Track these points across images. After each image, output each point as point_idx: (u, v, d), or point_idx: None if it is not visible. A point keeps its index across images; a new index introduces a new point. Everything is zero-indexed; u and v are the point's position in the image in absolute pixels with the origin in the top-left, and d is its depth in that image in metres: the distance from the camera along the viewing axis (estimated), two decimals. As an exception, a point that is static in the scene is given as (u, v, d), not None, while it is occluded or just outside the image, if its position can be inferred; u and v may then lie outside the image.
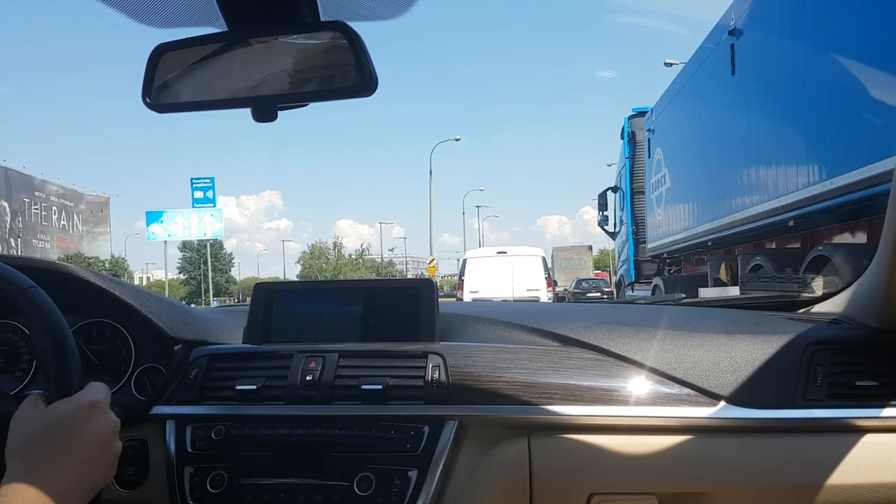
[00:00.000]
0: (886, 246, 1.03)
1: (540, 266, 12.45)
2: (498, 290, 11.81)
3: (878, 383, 1.00)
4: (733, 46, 6.63)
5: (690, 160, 8.57)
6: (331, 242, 61.70)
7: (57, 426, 0.74)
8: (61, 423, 0.75)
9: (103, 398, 0.80)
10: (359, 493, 0.96)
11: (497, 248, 13.07)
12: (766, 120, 6.02)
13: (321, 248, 60.33)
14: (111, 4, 0.84)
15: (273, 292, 1.22)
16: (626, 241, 12.33)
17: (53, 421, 0.75)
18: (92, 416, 0.77)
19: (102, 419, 0.78)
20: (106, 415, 0.79)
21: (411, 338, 1.13)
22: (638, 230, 11.54)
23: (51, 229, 44.61)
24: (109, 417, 0.79)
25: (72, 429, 0.75)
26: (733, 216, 6.86)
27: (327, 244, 61.22)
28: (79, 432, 0.75)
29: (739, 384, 1.01)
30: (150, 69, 0.89)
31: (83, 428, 0.75)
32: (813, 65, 5.19)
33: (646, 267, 11.38)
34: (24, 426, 0.75)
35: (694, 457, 0.98)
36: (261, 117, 0.89)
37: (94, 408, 0.77)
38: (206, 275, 59.01)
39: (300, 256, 61.49)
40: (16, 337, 1.19)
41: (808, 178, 5.24)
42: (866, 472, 0.95)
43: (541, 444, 0.99)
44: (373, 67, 0.84)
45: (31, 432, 0.74)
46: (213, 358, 1.12)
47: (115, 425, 0.80)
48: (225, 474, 1.00)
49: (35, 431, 0.74)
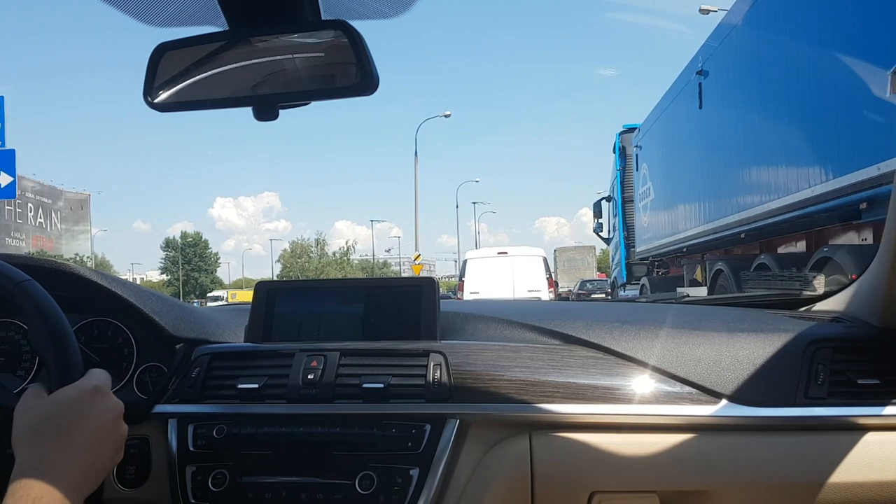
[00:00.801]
0: (888, 244, 1.03)
1: (541, 266, 12.40)
2: (498, 290, 11.69)
3: (879, 381, 1.00)
4: (700, 84, 7.81)
5: (669, 177, 9.87)
6: (313, 239, 58.98)
7: (61, 413, 0.75)
8: (65, 410, 0.75)
9: (105, 383, 0.80)
10: (360, 491, 0.96)
11: (498, 249, 12.96)
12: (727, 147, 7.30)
13: (303, 246, 57.38)
14: (113, 4, 0.84)
15: (274, 291, 1.22)
16: (618, 246, 13.56)
17: (58, 408, 0.75)
18: (95, 400, 0.77)
19: (106, 403, 0.79)
20: (109, 398, 0.80)
21: (413, 336, 1.13)
22: (629, 235, 12.71)
23: (26, 227, 43.26)
24: (112, 400, 0.80)
25: (76, 414, 0.75)
26: (703, 227, 8.16)
27: (310, 241, 58.48)
28: (83, 417, 0.75)
29: (741, 382, 1.01)
30: (152, 68, 0.89)
31: (87, 412, 0.76)
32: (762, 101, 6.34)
33: (636, 269, 12.55)
34: (28, 415, 0.75)
35: (696, 455, 0.98)
36: (262, 116, 0.89)
37: (96, 392, 0.78)
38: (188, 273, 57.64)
39: (280, 254, 59.12)
40: (17, 336, 1.19)
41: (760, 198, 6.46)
42: (868, 470, 0.95)
43: (542, 442, 0.99)
44: (374, 66, 0.84)
45: (36, 421, 0.74)
46: (215, 357, 1.12)
47: (118, 408, 0.80)
48: (227, 473, 1.00)
49: (40, 419, 0.74)
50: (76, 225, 50.50)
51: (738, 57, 6.96)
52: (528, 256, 12.49)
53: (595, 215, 14.99)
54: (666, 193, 9.99)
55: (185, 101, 0.92)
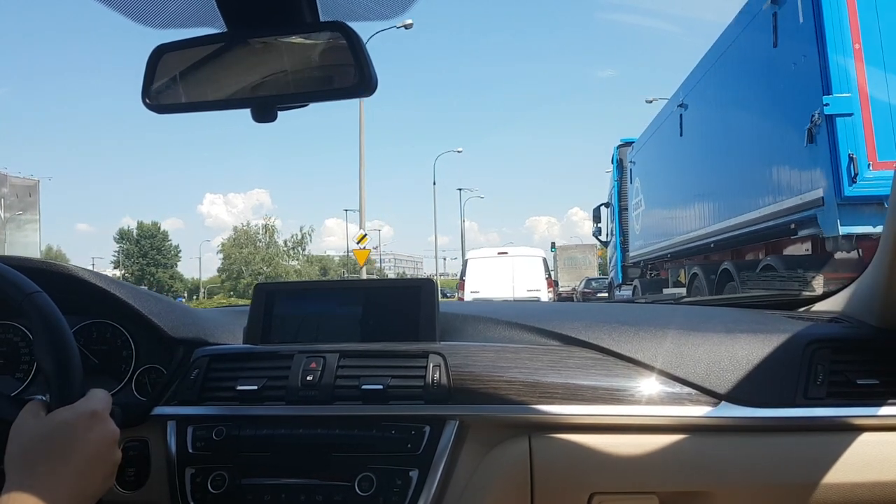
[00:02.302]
0: (886, 244, 1.03)
1: (541, 266, 12.74)
2: (499, 290, 12.02)
3: (878, 382, 1.00)
4: (681, 115, 8.97)
5: (656, 192, 11.12)
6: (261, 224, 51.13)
7: (57, 436, 0.74)
8: (61, 433, 0.75)
9: (103, 407, 0.80)
10: (360, 493, 0.96)
11: (498, 249, 13.42)
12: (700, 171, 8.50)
13: (249, 234, 49.62)
14: (111, 5, 0.84)
15: (273, 292, 1.22)
16: (615, 249, 14.31)
17: (53, 430, 0.75)
18: (92, 426, 0.77)
19: (102, 428, 0.78)
20: (105, 424, 0.79)
21: (412, 338, 1.13)
22: (624, 240, 13.47)
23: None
24: (109, 427, 0.79)
25: (71, 439, 0.75)
26: (683, 236, 9.26)
27: (257, 227, 50.72)
28: (78, 442, 0.75)
29: (740, 383, 1.01)
30: (150, 70, 0.89)
31: (83, 438, 0.75)
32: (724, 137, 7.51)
33: (630, 271, 13.29)
34: (23, 435, 0.75)
35: (695, 456, 0.98)
36: (260, 118, 0.89)
37: (93, 417, 0.77)
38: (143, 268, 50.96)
39: (220, 245, 50.87)
40: (16, 338, 1.19)
41: (724, 213, 7.52)
42: (867, 470, 0.95)
43: (542, 443, 0.99)
44: (372, 67, 0.84)
45: (30, 441, 0.74)
46: (214, 358, 1.12)
47: (114, 435, 0.80)
48: (226, 475, 1.00)
49: (35, 440, 0.74)
50: (23, 213, 46.57)
51: (703, 101, 8.22)
52: (527, 257, 12.89)
53: (595, 220, 15.85)
54: (654, 206, 11.31)
55: (184, 102, 0.92)
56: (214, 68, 0.90)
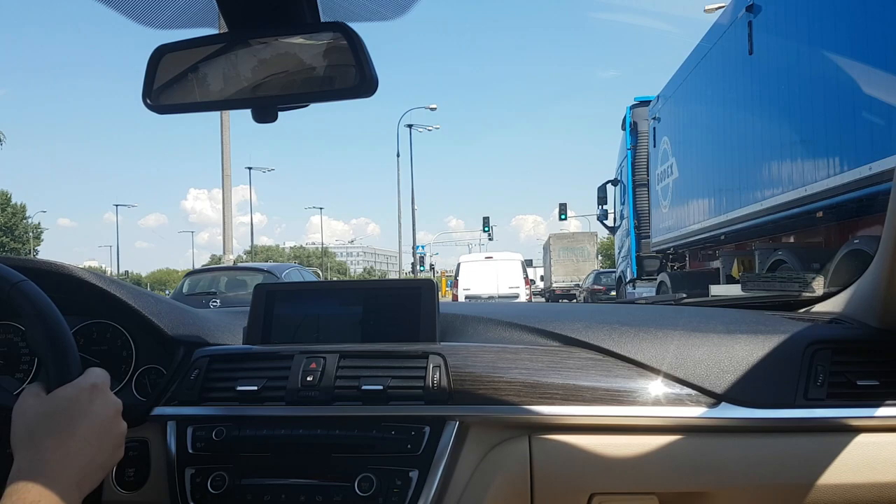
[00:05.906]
0: (887, 245, 1.03)
1: (519, 269, 16.62)
2: (485, 288, 16.04)
3: (878, 383, 1.00)
4: (751, 24, 6.07)
5: (701, 148, 7.96)
6: None
7: (60, 411, 0.74)
8: (64, 408, 0.75)
9: (103, 380, 0.80)
10: (360, 493, 0.96)
11: (485, 254, 17.55)
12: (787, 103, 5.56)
13: None
14: (112, 6, 0.84)
15: (273, 293, 1.22)
16: (626, 236, 11.73)
17: (56, 406, 0.75)
18: (93, 398, 0.77)
19: (104, 400, 0.78)
20: (107, 395, 0.79)
21: (412, 338, 1.13)
22: (640, 224, 10.94)
23: None
24: (110, 398, 0.80)
25: (75, 412, 0.75)
26: (751, 207, 6.30)
27: None
28: (83, 414, 0.75)
29: (740, 384, 1.01)
30: (151, 71, 0.89)
31: (86, 410, 0.76)
32: (843, 42, 4.67)
33: (648, 263, 10.87)
34: (27, 414, 0.75)
35: (695, 457, 0.98)
36: (261, 118, 0.89)
37: (94, 390, 0.78)
38: None
39: None
40: (16, 338, 1.19)
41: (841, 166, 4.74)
42: (867, 471, 0.95)
43: (542, 444, 0.99)
44: (373, 68, 0.84)
45: (34, 420, 0.74)
46: (214, 359, 1.12)
47: (116, 405, 0.80)
48: (226, 475, 1.00)
49: (39, 418, 0.74)
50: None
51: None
52: (509, 260, 16.84)
53: (599, 201, 12.89)
54: (697, 169, 8.11)
55: (184, 102, 0.92)
56: (215, 69, 0.90)
